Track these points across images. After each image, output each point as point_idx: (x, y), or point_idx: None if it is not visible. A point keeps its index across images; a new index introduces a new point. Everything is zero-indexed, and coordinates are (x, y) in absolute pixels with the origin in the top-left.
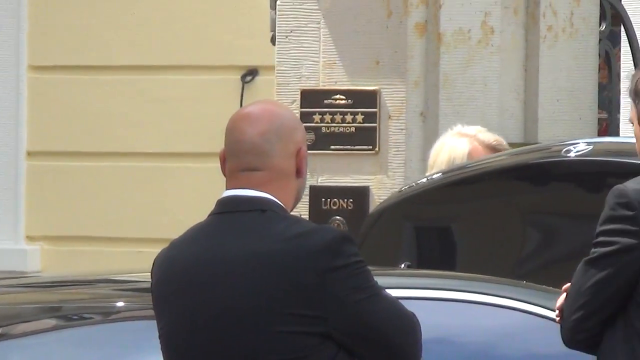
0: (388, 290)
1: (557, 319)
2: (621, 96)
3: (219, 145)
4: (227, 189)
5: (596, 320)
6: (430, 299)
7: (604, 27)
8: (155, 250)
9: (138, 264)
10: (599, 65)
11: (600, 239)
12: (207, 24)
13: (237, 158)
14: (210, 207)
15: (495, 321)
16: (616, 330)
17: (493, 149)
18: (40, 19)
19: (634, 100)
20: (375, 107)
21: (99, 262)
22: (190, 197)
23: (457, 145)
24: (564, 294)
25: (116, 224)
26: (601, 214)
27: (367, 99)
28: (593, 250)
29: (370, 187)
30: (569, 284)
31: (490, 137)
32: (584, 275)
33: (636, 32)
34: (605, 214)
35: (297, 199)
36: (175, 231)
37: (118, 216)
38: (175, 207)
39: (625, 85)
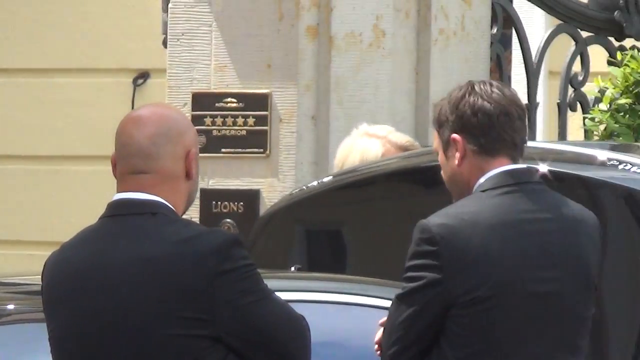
0: (278, 294)
1: (378, 352)
2: None
3: (111, 148)
4: (117, 192)
5: (410, 354)
6: (320, 302)
7: (496, 30)
8: (47, 253)
9: (30, 267)
10: (490, 68)
11: (409, 274)
12: (99, 27)
13: (126, 161)
14: (102, 210)
15: None
16: None
17: (405, 149)
18: None
19: (437, 130)
20: (267, 111)
21: None
22: (83, 200)
23: (369, 147)
24: (382, 329)
25: (8, 226)
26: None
27: (258, 102)
28: (403, 285)
29: (261, 190)
30: (385, 319)
31: (402, 138)
32: (396, 310)
33: (527, 35)
34: (411, 249)
35: (189, 202)
36: (68, 234)
37: (10, 219)
38: (67, 210)
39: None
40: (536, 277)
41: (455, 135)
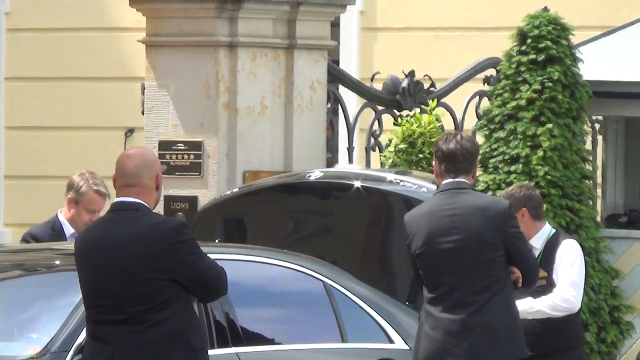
0: (209, 255)
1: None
2: (339, 145)
3: (112, 173)
4: (116, 197)
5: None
6: (232, 260)
7: (329, 105)
8: None
9: None
10: (327, 127)
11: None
12: (107, 100)
13: (122, 179)
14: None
15: (271, 272)
16: None
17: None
18: None
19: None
20: (201, 151)
21: None
22: None
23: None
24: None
25: None
26: (509, 219)
27: (196, 146)
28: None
29: (198, 196)
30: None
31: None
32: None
33: (348, 108)
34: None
35: (157, 203)
36: None
37: None
38: None
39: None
40: (442, 240)
41: (435, 162)
